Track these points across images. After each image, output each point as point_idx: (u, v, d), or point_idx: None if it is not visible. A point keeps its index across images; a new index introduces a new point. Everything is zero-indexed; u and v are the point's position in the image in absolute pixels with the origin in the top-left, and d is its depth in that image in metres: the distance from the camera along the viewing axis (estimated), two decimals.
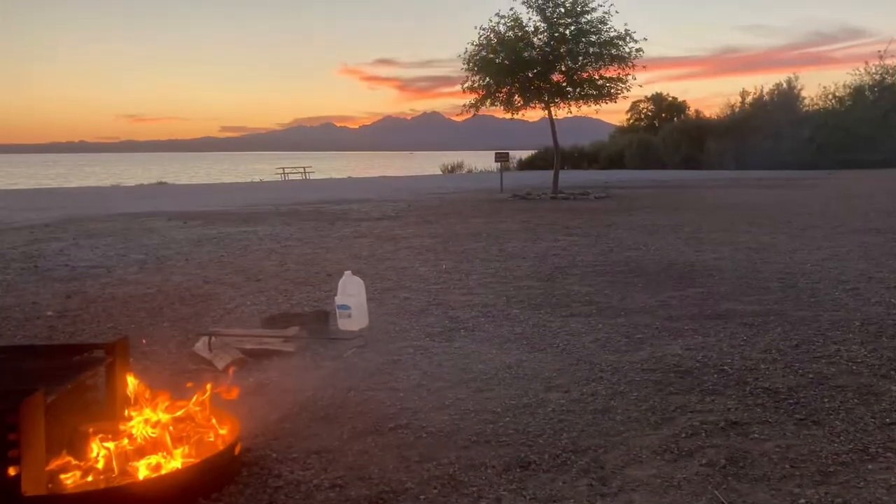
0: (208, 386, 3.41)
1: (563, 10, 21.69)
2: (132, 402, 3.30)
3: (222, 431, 3.27)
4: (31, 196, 27.54)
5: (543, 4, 21.77)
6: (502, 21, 22.24)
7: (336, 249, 10.54)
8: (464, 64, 22.60)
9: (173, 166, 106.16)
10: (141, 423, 3.14)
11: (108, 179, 56.62)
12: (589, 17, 21.71)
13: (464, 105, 23.56)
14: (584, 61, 22.30)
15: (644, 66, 22.65)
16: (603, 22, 21.72)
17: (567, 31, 21.87)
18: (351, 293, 5.82)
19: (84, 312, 6.68)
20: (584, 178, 33.97)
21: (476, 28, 22.51)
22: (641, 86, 25.36)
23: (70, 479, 2.84)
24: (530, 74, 22.32)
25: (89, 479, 2.88)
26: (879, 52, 49.75)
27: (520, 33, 22.08)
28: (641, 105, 68.74)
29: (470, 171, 53.06)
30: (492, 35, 22.19)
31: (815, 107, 52.69)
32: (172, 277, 8.45)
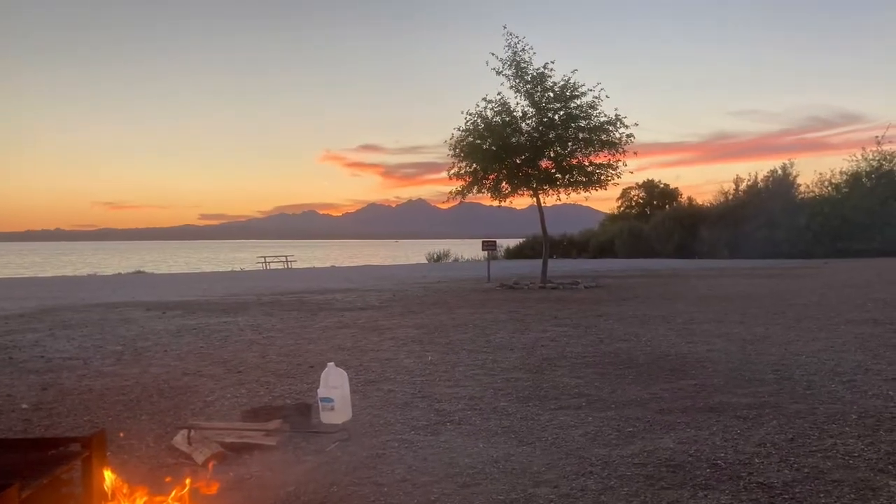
0: (187, 481, 3.32)
1: (551, 94, 21.38)
2: (109, 497, 3.20)
3: None
4: (5, 285, 27.28)
5: (532, 89, 21.46)
6: (489, 106, 21.93)
7: (319, 340, 10.43)
8: (450, 150, 22.26)
9: (152, 255, 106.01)
10: None
11: (84, 268, 56.33)
12: (578, 101, 21.37)
13: (450, 192, 23.17)
14: (574, 147, 21.88)
15: (635, 152, 22.16)
16: (593, 107, 21.36)
17: (556, 117, 21.56)
18: (334, 385, 5.75)
19: (60, 405, 6.54)
20: (574, 267, 34.11)
21: (463, 113, 22.12)
22: (632, 172, 25.07)
23: None
24: (518, 160, 21.90)
25: None
26: (877, 137, 49.66)
27: (507, 118, 21.74)
28: (632, 192, 68.69)
29: (456, 260, 52.92)
30: (479, 120, 21.80)
31: (811, 194, 52.49)
32: (151, 369, 8.31)
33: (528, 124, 21.91)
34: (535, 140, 21.65)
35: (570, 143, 21.84)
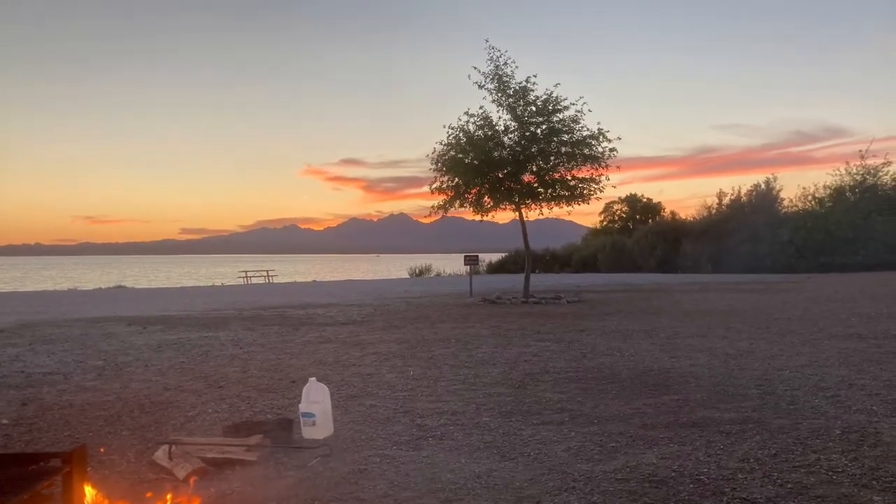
0: (168, 496, 3.30)
1: (534, 108, 21.32)
2: None
3: None
4: None
5: (514, 103, 21.41)
6: (472, 120, 21.81)
7: (300, 355, 10.39)
8: (432, 164, 22.18)
9: (132, 269, 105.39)
10: None
11: (64, 283, 55.97)
12: (561, 115, 21.33)
13: (432, 206, 23.02)
14: (556, 161, 21.79)
15: (618, 167, 22.02)
16: (575, 121, 21.33)
17: (538, 131, 21.50)
18: (315, 400, 5.72)
19: (40, 420, 6.47)
20: (556, 282, 34.13)
21: (445, 127, 22.01)
22: (615, 186, 25.05)
23: None
24: (500, 175, 21.82)
25: None
26: (861, 151, 50.24)
27: (490, 132, 21.66)
28: (615, 206, 68.78)
29: (438, 275, 52.81)
30: (461, 134, 21.71)
31: (794, 208, 52.75)
32: (132, 384, 8.25)
33: (510, 138, 21.83)
34: (518, 154, 21.58)
35: (552, 158, 21.76)
